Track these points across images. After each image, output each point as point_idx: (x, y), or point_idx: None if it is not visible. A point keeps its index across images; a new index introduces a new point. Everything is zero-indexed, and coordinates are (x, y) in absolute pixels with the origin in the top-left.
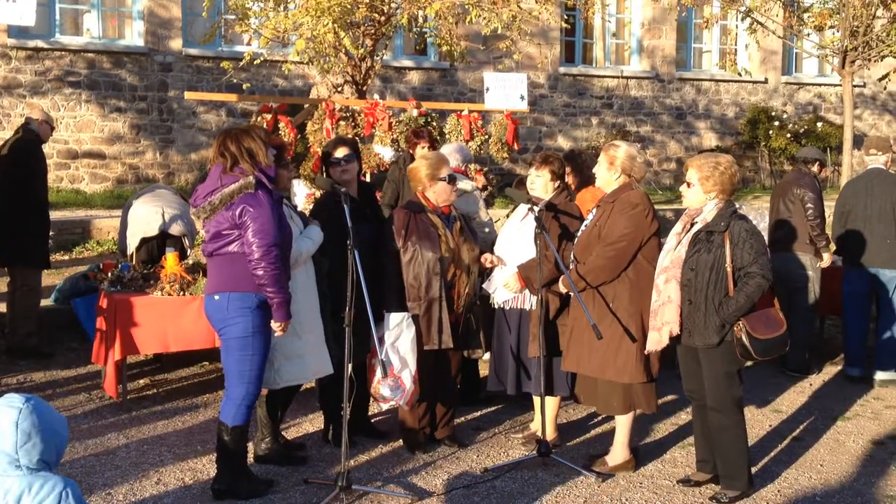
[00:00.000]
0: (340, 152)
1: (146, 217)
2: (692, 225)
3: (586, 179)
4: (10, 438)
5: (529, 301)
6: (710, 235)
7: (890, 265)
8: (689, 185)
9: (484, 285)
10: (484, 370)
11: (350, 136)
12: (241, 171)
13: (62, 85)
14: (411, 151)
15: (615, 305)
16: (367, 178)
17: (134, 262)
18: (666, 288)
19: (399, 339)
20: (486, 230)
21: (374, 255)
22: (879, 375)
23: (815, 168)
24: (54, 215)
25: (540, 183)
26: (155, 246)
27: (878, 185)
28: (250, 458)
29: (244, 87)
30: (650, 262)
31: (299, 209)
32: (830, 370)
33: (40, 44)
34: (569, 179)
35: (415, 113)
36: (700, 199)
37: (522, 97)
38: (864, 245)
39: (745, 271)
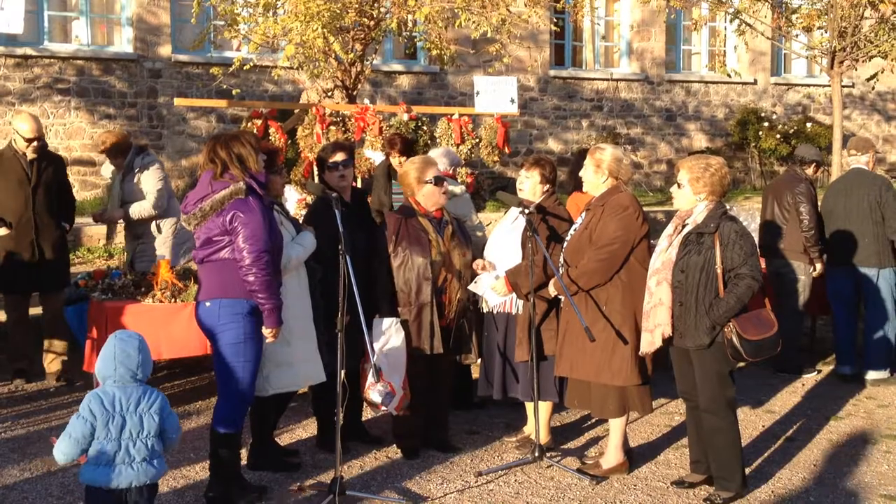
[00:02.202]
0: (339, 157)
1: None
2: (683, 227)
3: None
4: (135, 358)
5: (516, 305)
6: (701, 237)
7: (868, 263)
8: (679, 186)
9: (470, 286)
10: (476, 374)
11: (343, 141)
12: (231, 177)
13: (51, 92)
14: (389, 160)
15: (608, 308)
16: (358, 183)
17: (125, 270)
18: (657, 290)
19: (388, 344)
20: (479, 233)
21: (368, 261)
22: (870, 375)
23: (810, 170)
24: None
25: (529, 184)
26: None
27: (856, 185)
28: (243, 464)
29: (234, 92)
30: (642, 264)
31: (290, 214)
32: (823, 370)
33: (29, 51)
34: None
35: (405, 117)
36: (690, 200)
37: (513, 100)
38: (844, 244)
39: (736, 273)
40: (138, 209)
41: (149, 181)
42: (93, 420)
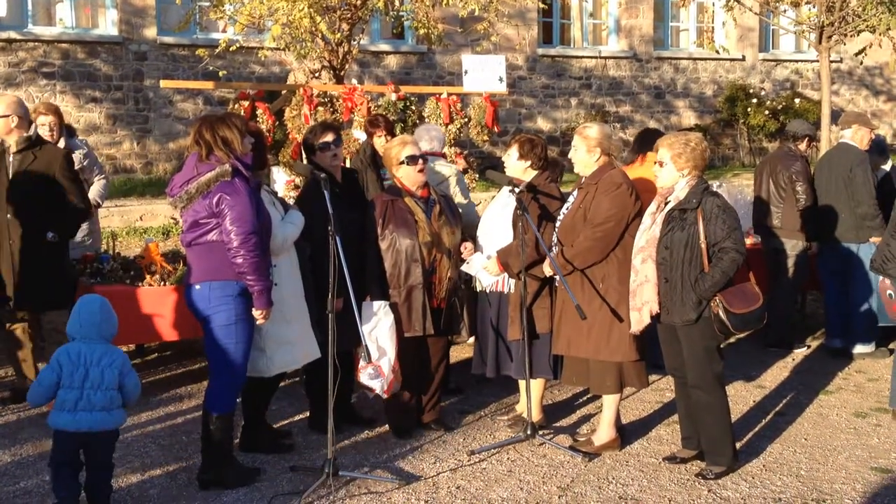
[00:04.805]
0: (329, 137)
1: None
2: (666, 203)
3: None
4: (97, 317)
5: (508, 284)
6: (683, 213)
7: (846, 238)
8: (661, 164)
9: (463, 267)
10: (457, 356)
11: (330, 121)
12: (216, 160)
13: (36, 76)
14: (370, 141)
15: (605, 286)
16: (347, 164)
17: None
18: (643, 268)
19: (377, 327)
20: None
21: (361, 243)
22: (857, 349)
23: (802, 145)
24: None
25: (509, 162)
26: None
27: (835, 160)
28: (236, 446)
29: (220, 74)
30: None
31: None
32: (812, 345)
33: (13, 35)
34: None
35: (393, 97)
36: (674, 176)
37: (501, 79)
38: (828, 219)
39: (720, 247)
40: (102, 191)
41: (95, 161)
42: (59, 370)
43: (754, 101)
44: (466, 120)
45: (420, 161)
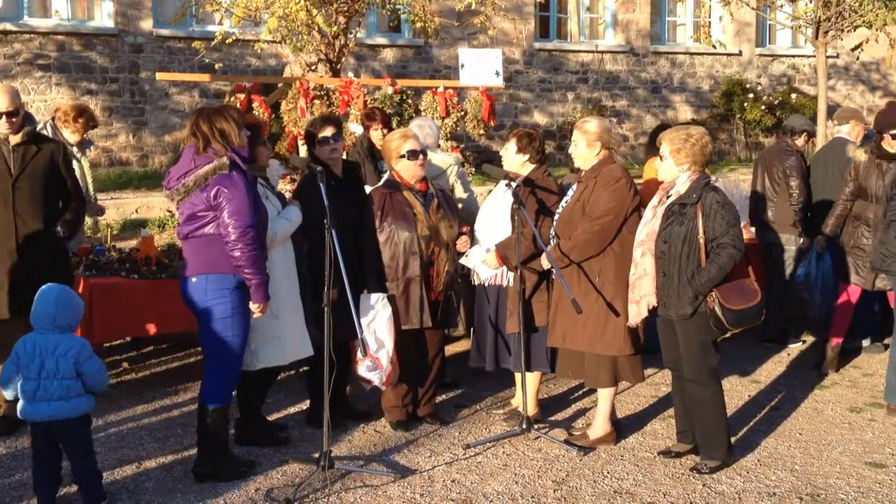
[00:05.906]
0: (329, 131)
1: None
2: (668, 198)
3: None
4: (52, 307)
5: (507, 277)
6: (683, 208)
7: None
8: (661, 158)
9: (462, 260)
10: (452, 350)
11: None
12: (214, 152)
13: (32, 68)
14: (367, 135)
15: (602, 279)
16: (344, 157)
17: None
18: (642, 261)
19: (375, 319)
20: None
21: (359, 236)
22: (853, 344)
23: (800, 140)
24: None
25: (506, 155)
26: None
27: (831, 155)
28: (231, 439)
29: (216, 66)
30: (634, 235)
31: (275, 189)
32: (808, 340)
33: (9, 26)
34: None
35: (390, 91)
36: (673, 171)
37: (498, 73)
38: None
39: (718, 242)
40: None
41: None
42: (17, 361)
43: (751, 96)
44: (463, 114)
45: (420, 156)
